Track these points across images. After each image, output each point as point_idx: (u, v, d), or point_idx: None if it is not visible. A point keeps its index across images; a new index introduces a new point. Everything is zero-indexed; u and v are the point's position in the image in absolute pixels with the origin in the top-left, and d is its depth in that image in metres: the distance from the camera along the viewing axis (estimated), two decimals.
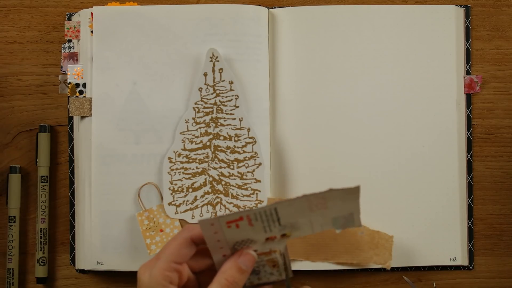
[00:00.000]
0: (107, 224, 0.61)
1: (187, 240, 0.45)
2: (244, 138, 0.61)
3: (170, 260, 0.45)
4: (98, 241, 0.61)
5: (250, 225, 0.44)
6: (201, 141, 0.62)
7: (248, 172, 0.61)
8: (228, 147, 0.61)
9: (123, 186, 0.61)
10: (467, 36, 0.65)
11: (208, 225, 0.43)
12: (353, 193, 0.43)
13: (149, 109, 0.62)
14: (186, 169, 0.61)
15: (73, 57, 0.63)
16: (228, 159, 0.61)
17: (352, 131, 0.63)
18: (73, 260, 0.63)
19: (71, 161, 0.64)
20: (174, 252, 0.45)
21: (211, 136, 0.62)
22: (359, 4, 0.65)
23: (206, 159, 0.61)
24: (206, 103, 0.62)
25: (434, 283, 0.64)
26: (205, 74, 0.61)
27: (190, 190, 0.61)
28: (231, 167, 0.61)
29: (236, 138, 0.61)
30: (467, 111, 0.64)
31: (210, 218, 0.43)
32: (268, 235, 0.46)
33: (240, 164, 0.61)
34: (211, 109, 0.62)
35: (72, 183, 0.63)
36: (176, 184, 0.61)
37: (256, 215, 0.44)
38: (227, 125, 0.61)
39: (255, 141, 0.61)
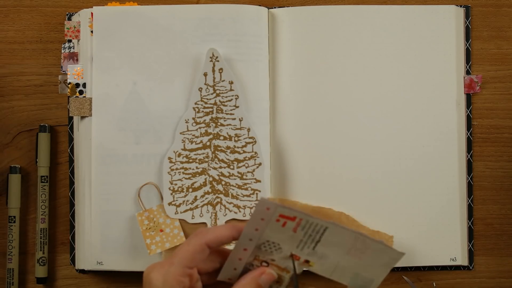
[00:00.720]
0: (107, 224, 0.61)
1: (202, 246, 0.45)
2: (244, 138, 0.61)
3: (184, 265, 0.45)
4: (98, 241, 0.61)
5: (294, 230, 0.44)
6: (201, 141, 0.62)
7: (248, 172, 0.61)
8: (228, 147, 0.61)
9: (123, 186, 0.61)
10: (467, 36, 0.65)
11: (264, 208, 0.43)
12: (393, 257, 0.45)
13: (149, 109, 0.62)
14: (186, 169, 0.61)
15: (73, 57, 0.63)
16: (228, 159, 0.61)
17: (352, 131, 0.63)
18: (73, 260, 0.63)
19: (71, 161, 0.64)
20: (188, 257, 0.45)
21: (211, 136, 0.62)
22: (359, 4, 0.65)
23: (206, 159, 0.61)
24: (206, 103, 0.62)
25: (434, 283, 0.64)
26: (205, 74, 0.61)
27: (190, 190, 0.61)
28: (231, 167, 0.61)
29: (236, 138, 0.61)
30: (467, 111, 0.64)
31: (271, 201, 0.42)
32: (296, 252, 0.46)
33: (240, 164, 0.61)
34: (211, 109, 0.62)
35: (72, 183, 0.63)
36: (176, 184, 0.61)
37: (307, 222, 0.44)
38: (227, 125, 0.61)
39: (255, 141, 0.61)
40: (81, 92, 0.63)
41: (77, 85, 0.63)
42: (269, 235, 0.45)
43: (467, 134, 0.64)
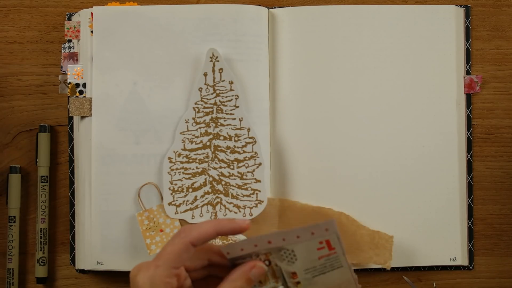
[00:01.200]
0: (107, 224, 0.61)
1: (186, 245, 0.45)
2: (244, 138, 0.61)
3: (170, 266, 0.44)
4: (98, 241, 0.61)
5: (319, 258, 0.45)
6: (201, 141, 0.62)
7: (248, 172, 0.61)
8: (228, 147, 0.61)
9: (123, 186, 0.61)
10: (467, 36, 0.65)
11: (324, 228, 0.43)
12: None
13: (149, 109, 0.62)
14: (186, 169, 0.61)
15: (73, 57, 0.63)
16: (228, 159, 0.61)
17: (352, 131, 0.63)
18: (73, 260, 0.63)
19: (71, 161, 0.64)
20: (174, 258, 0.44)
21: (211, 136, 0.62)
22: (359, 4, 0.65)
23: (206, 159, 0.61)
24: (206, 103, 0.62)
25: (434, 283, 0.64)
26: (205, 74, 0.61)
27: (190, 190, 0.61)
28: (231, 167, 0.61)
29: (236, 138, 0.61)
30: (467, 111, 0.64)
31: (335, 226, 0.43)
32: (300, 273, 0.46)
33: (240, 164, 0.61)
34: (211, 109, 0.62)
35: (72, 183, 0.63)
36: (176, 184, 0.61)
37: (336, 258, 0.45)
38: (227, 125, 0.61)
39: (255, 141, 0.61)
40: (81, 92, 0.63)
41: (77, 85, 0.63)
42: (299, 248, 0.45)
43: (467, 134, 0.64)
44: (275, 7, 0.64)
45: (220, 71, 0.61)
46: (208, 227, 0.46)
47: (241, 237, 0.59)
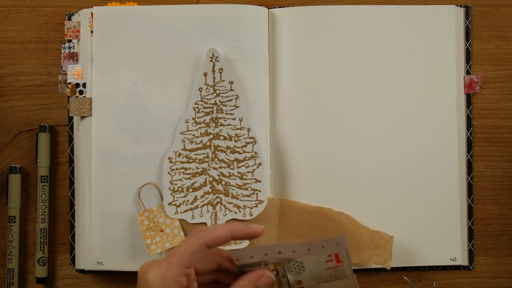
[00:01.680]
0: (107, 224, 0.61)
1: (200, 246, 0.45)
2: (244, 138, 0.61)
3: (183, 265, 0.44)
4: (98, 241, 0.61)
5: (326, 269, 0.45)
6: (201, 141, 0.62)
7: (248, 172, 0.61)
8: (228, 147, 0.61)
9: (123, 186, 0.61)
10: (467, 36, 0.65)
11: (335, 243, 0.44)
12: None
13: (149, 109, 0.62)
14: (186, 169, 0.61)
15: (73, 57, 0.63)
16: (228, 159, 0.61)
17: (352, 131, 0.63)
18: (73, 260, 0.63)
19: (71, 161, 0.64)
20: (187, 257, 0.45)
21: (211, 136, 0.62)
22: (359, 4, 0.65)
23: (206, 159, 0.61)
24: (206, 103, 0.62)
25: (434, 283, 0.64)
26: (205, 74, 0.61)
27: (190, 190, 0.61)
28: (231, 167, 0.61)
29: (236, 138, 0.61)
30: (467, 111, 0.64)
31: (346, 242, 0.44)
32: (306, 282, 0.46)
33: (240, 164, 0.61)
34: (211, 109, 0.62)
35: (72, 183, 0.63)
36: (176, 184, 0.61)
37: (342, 270, 0.45)
38: (227, 125, 0.61)
39: (255, 141, 0.61)
40: (81, 92, 0.63)
41: (77, 85, 0.63)
42: (308, 260, 0.45)
43: (467, 134, 0.64)
44: (275, 7, 0.64)
45: (220, 71, 0.61)
46: (224, 230, 0.46)
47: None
